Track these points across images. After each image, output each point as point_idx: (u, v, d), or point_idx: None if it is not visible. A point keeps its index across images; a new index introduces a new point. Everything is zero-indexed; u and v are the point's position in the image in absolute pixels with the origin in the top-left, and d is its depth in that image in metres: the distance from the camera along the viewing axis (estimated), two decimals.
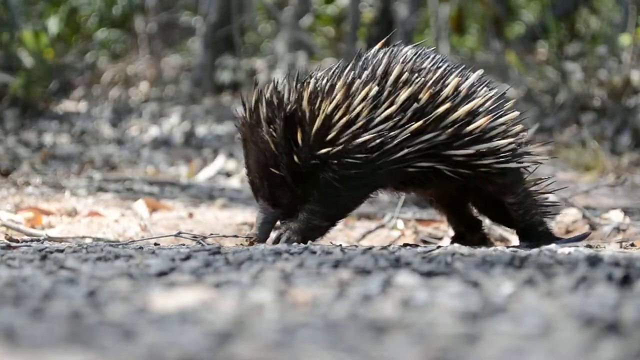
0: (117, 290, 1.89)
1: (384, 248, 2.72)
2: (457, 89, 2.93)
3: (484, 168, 2.97)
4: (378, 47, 3.02)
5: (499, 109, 3.00)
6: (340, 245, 2.82)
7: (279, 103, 2.90)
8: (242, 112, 3.00)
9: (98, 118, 8.63)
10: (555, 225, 3.85)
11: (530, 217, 3.13)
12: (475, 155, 2.94)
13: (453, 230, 3.37)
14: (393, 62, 2.94)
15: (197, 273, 2.12)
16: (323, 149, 2.87)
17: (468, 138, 2.92)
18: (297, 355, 1.44)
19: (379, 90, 2.89)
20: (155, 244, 3.15)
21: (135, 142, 7.71)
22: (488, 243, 3.32)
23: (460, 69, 3.01)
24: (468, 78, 2.99)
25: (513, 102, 3.07)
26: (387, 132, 2.86)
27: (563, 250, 2.54)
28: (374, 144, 2.86)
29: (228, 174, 6.37)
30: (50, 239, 3.40)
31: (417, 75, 2.92)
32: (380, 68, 2.92)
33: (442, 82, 2.93)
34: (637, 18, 7.97)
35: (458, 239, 3.28)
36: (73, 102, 9.73)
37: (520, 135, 3.04)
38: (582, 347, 1.48)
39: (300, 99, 2.88)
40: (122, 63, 11.33)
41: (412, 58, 2.96)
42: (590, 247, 3.11)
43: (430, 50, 3.04)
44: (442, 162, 2.93)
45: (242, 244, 2.98)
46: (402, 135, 2.87)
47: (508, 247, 3.06)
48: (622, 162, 6.67)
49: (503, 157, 2.98)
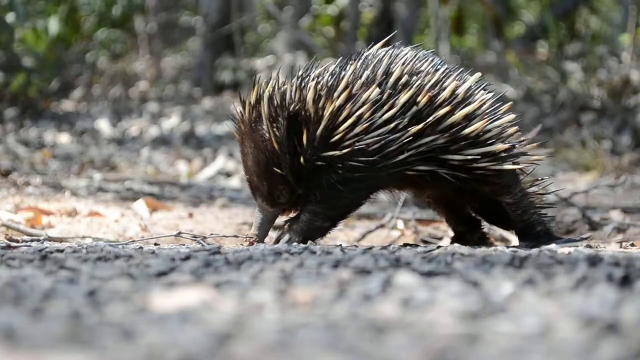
0: (117, 290, 1.89)
1: (384, 248, 2.72)
2: (454, 93, 2.94)
3: (480, 170, 2.98)
4: (378, 46, 3.02)
5: (496, 112, 3.00)
6: (340, 245, 2.82)
7: (282, 101, 2.90)
8: (241, 109, 2.99)
9: (98, 118, 8.62)
10: (556, 225, 3.85)
11: (529, 217, 3.13)
12: (471, 159, 2.94)
13: (452, 231, 3.37)
14: (393, 63, 2.94)
15: (197, 273, 2.12)
16: (329, 151, 2.87)
17: (464, 142, 2.92)
18: (297, 356, 1.44)
19: (380, 92, 2.89)
20: (155, 244, 3.16)
21: (135, 142, 7.70)
22: (488, 242, 3.32)
23: (458, 72, 3.01)
24: (465, 81, 2.99)
25: (510, 104, 3.08)
26: (388, 134, 2.87)
27: (563, 250, 2.54)
28: (376, 147, 2.86)
29: (228, 174, 6.37)
30: (50, 239, 3.40)
31: (416, 78, 2.93)
32: (381, 69, 2.92)
33: (439, 85, 2.94)
34: (637, 18, 7.96)
35: (458, 240, 3.28)
36: (73, 102, 9.72)
37: (516, 136, 3.04)
38: (582, 347, 1.48)
39: (304, 98, 2.88)
40: (122, 63, 11.32)
41: (411, 60, 2.96)
42: (590, 247, 3.12)
43: (429, 53, 3.04)
44: (440, 165, 2.93)
45: (242, 244, 2.98)
46: (402, 139, 2.87)
47: (508, 247, 3.07)
48: (622, 162, 6.67)
49: (499, 159, 2.98)
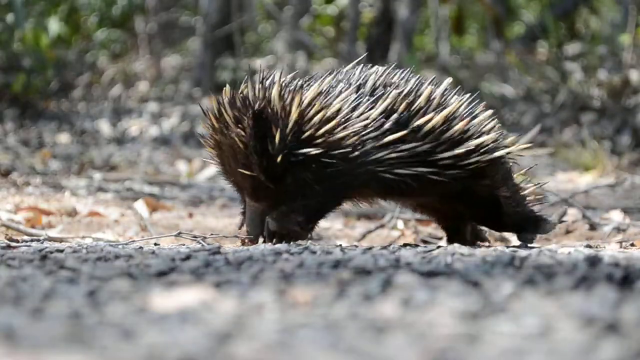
0: (117, 290, 1.89)
1: (384, 248, 2.72)
2: (429, 98, 2.95)
3: (474, 165, 2.99)
4: (350, 67, 3.03)
5: (473, 111, 3.04)
6: (340, 245, 2.82)
7: (243, 103, 2.88)
8: (208, 120, 2.95)
9: (98, 118, 8.62)
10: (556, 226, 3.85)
11: (523, 207, 3.18)
12: (462, 155, 2.96)
13: (445, 234, 3.37)
14: (366, 75, 2.95)
15: (197, 273, 2.12)
16: (302, 148, 2.82)
17: (449, 143, 2.94)
18: (297, 356, 1.44)
19: (356, 98, 2.90)
20: (155, 244, 3.16)
21: (135, 142, 7.70)
22: (481, 235, 3.34)
23: (430, 80, 3.03)
24: (439, 87, 3.02)
25: (484, 103, 3.11)
26: (365, 131, 2.85)
27: (563, 250, 2.54)
28: (351, 141, 2.84)
29: None
30: (50, 239, 3.40)
31: (390, 88, 2.94)
32: (354, 78, 2.94)
33: (415, 92, 2.95)
34: (637, 18, 7.97)
35: (451, 239, 3.29)
36: (73, 102, 9.72)
37: (496, 129, 3.06)
38: (582, 347, 1.48)
39: (269, 96, 2.86)
40: (122, 63, 11.32)
41: (383, 72, 2.98)
42: (590, 247, 3.12)
43: (397, 69, 3.06)
44: (428, 167, 2.93)
45: (236, 245, 2.98)
46: (380, 138, 2.86)
47: (508, 247, 3.07)
48: (622, 162, 6.67)
49: (489, 150, 3.01)
